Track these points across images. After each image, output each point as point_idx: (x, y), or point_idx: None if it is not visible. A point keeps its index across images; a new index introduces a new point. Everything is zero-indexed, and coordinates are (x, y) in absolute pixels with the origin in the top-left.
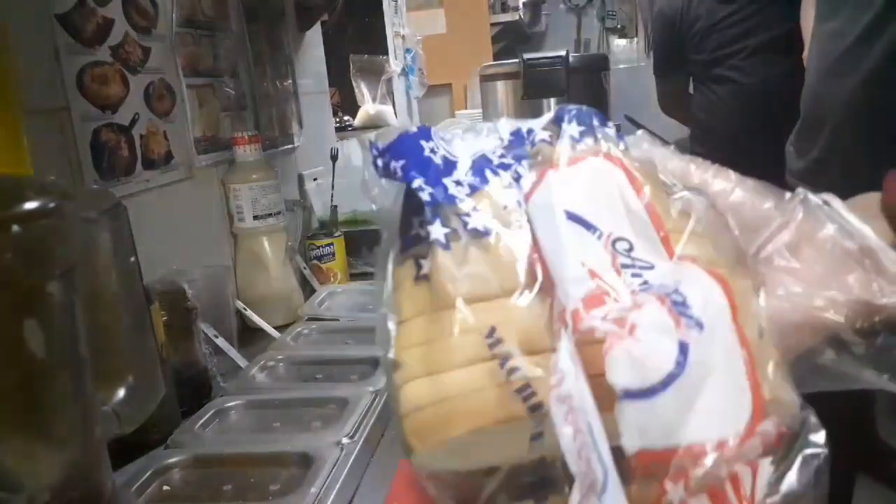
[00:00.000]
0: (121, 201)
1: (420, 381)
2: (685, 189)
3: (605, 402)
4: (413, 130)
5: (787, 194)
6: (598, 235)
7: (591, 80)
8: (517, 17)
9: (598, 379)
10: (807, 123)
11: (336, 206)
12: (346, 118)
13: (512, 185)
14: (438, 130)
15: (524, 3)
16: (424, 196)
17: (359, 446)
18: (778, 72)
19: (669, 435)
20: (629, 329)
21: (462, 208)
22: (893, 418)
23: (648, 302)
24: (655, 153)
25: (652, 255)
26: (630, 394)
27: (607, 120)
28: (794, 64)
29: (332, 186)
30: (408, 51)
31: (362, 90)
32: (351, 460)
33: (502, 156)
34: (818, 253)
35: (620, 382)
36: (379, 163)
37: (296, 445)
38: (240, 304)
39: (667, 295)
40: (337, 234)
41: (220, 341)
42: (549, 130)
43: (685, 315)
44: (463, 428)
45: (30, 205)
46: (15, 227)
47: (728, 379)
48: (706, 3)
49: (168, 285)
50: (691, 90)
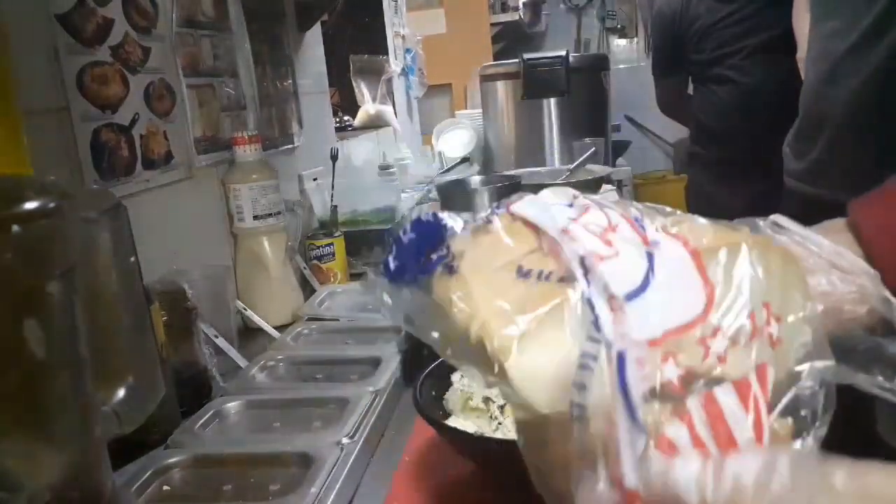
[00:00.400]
0: (121, 201)
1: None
2: None
3: None
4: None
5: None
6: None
7: (591, 80)
8: (517, 17)
9: None
10: (806, 124)
11: (336, 206)
12: (346, 118)
13: None
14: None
15: (524, 3)
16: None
17: (359, 446)
18: (777, 72)
19: (666, 320)
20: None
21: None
22: (893, 418)
23: (622, 222)
24: None
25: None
26: (629, 295)
27: None
28: (793, 64)
29: (332, 186)
30: (408, 51)
31: (362, 90)
32: (351, 460)
33: None
34: None
35: (620, 291)
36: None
37: (296, 445)
38: (240, 304)
39: (634, 219)
40: (337, 234)
41: (220, 341)
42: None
43: (646, 231)
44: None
45: (30, 205)
46: (15, 227)
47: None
48: (705, 3)
49: (168, 285)
50: (691, 90)
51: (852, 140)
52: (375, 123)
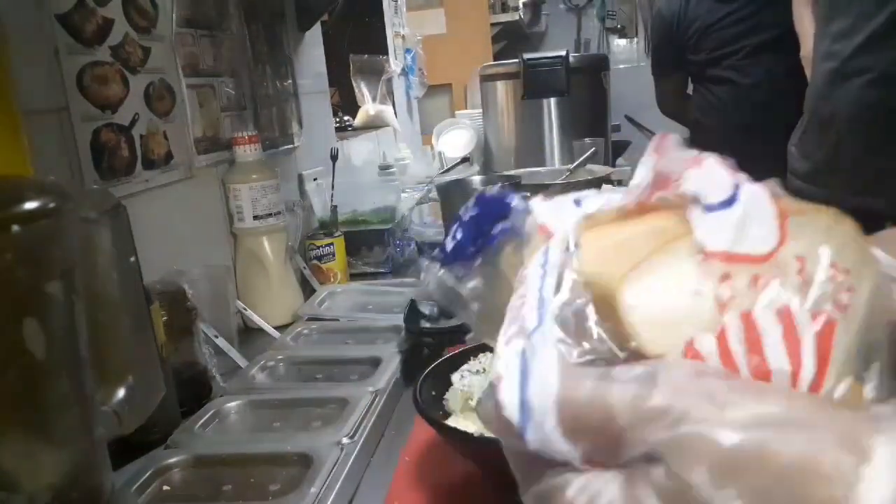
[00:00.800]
0: (121, 201)
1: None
2: None
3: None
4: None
5: None
6: None
7: (591, 80)
8: (517, 17)
9: None
10: (812, 124)
11: (336, 206)
12: (346, 118)
13: None
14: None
15: (524, 3)
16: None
17: (359, 446)
18: (776, 72)
19: (736, 242)
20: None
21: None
22: None
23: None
24: None
25: None
26: (710, 207)
27: None
28: (792, 64)
29: (332, 186)
30: (408, 51)
31: (362, 90)
32: (351, 460)
33: None
34: None
35: (703, 198)
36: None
37: (296, 445)
38: (240, 304)
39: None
40: (337, 234)
41: (220, 341)
42: None
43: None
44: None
45: (30, 205)
46: (15, 227)
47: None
48: (705, 4)
49: (168, 285)
50: (690, 91)
51: (861, 140)
52: (375, 123)
